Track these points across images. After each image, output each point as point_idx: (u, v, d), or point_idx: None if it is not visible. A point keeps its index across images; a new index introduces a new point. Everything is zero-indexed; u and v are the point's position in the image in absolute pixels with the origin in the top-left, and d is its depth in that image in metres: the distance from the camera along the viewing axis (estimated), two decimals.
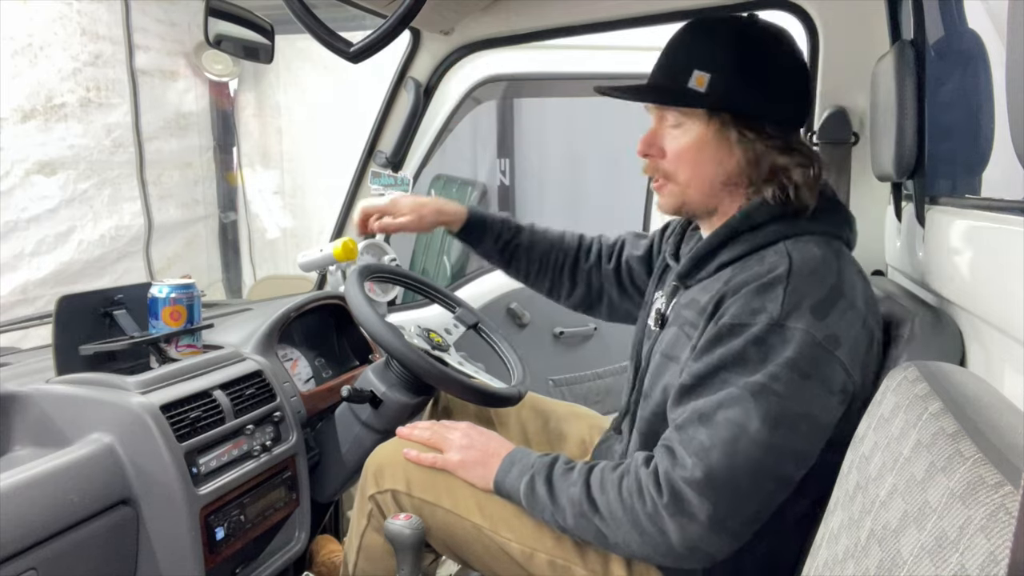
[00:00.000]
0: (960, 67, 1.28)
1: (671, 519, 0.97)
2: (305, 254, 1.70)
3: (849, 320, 0.98)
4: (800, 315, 0.96)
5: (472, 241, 1.51)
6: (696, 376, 1.01)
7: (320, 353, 1.77)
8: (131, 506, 1.15)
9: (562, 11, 1.75)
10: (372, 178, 1.89)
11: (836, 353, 0.96)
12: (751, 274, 1.01)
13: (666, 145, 1.11)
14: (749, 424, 0.95)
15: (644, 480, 1.00)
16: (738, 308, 0.99)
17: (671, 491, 0.97)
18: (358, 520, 1.27)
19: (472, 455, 1.17)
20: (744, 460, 0.95)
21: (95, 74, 3.53)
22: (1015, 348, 0.83)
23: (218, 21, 1.51)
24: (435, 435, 1.22)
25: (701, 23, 1.12)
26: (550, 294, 1.55)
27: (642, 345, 1.27)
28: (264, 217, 4.48)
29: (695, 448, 0.97)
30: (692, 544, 0.98)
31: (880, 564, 0.57)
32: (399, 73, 1.87)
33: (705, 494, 0.95)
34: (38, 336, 1.56)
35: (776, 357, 0.95)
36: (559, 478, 1.09)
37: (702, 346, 1.02)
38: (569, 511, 1.06)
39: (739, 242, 1.08)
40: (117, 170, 3.66)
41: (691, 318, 1.09)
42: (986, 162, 1.14)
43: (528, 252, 1.51)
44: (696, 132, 1.08)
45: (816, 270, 1.00)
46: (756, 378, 0.96)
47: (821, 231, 1.07)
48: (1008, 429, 0.56)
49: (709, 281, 1.10)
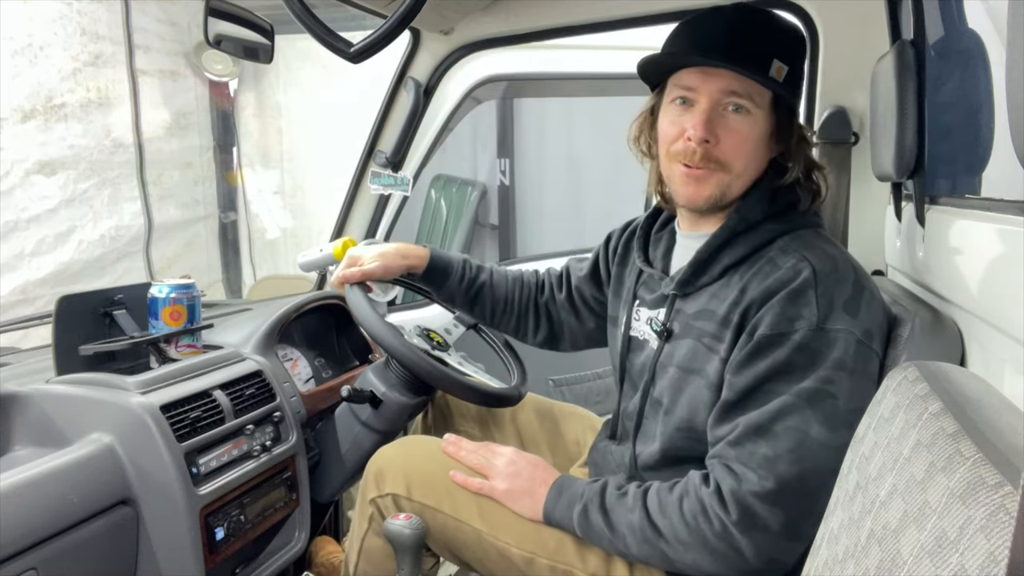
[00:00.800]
0: (960, 67, 1.28)
1: (743, 535, 0.97)
2: (305, 254, 1.70)
3: (874, 311, 1.02)
4: (837, 316, 0.98)
5: (437, 282, 1.48)
6: (742, 391, 1.00)
7: (320, 353, 1.77)
8: (131, 506, 1.15)
9: (562, 11, 1.75)
10: (372, 178, 1.89)
11: (872, 346, 1.00)
12: (774, 281, 1.01)
13: (722, 131, 1.05)
14: (810, 430, 0.95)
15: (707, 500, 0.99)
16: (773, 318, 0.99)
17: (739, 508, 0.97)
18: (359, 523, 1.27)
19: (519, 484, 1.16)
20: (811, 465, 0.95)
21: (95, 74, 3.53)
22: (1015, 348, 0.83)
23: (218, 21, 1.51)
24: (481, 460, 1.20)
25: (767, 14, 1.10)
26: (516, 333, 1.53)
27: (626, 358, 1.25)
28: (264, 217, 4.48)
29: (758, 461, 0.96)
30: (768, 556, 0.98)
31: (880, 564, 0.57)
32: (399, 73, 1.87)
33: (777, 504, 0.96)
34: (38, 336, 1.56)
35: (823, 361, 0.97)
36: (614, 505, 1.08)
37: (741, 360, 1.01)
38: (631, 538, 1.05)
39: (739, 244, 1.09)
40: (117, 170, 3.66)
41: (711, 330, 1.07)
42: (986, 162, 1.14)
43: (493, 291, 1.49)
44: (763, 121, 1.06)
45: (837, 269, 1.02)
46: (807, 384, 0.96)
47: (809, 224, 1.10)
48: (1008, 429, 0.56)
49: (716, 287, 1.09)
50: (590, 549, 1.13)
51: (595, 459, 1.33)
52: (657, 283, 1.20)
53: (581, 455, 1.47)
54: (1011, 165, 0.65)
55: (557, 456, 1.51)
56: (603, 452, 1.30)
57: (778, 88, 1.05)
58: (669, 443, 1.12)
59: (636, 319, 1.25)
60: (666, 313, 1.16)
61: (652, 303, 1.21)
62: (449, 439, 1.25)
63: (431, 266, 1.46)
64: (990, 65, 1.11)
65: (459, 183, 3.54)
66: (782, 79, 1.04)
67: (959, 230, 1.06)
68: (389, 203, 2.01)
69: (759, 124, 1.06)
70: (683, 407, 1.10)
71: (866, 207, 1.60)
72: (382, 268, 1.42)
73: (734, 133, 1.05)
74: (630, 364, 1.25)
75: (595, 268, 1.44)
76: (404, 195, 1.97)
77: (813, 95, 1.65)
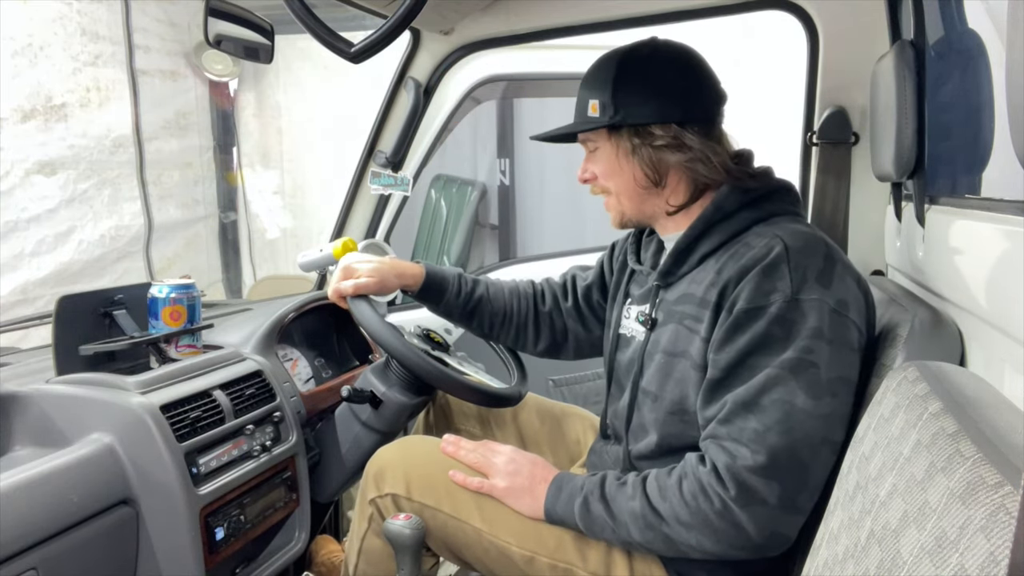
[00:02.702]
0: (960, 67, 1.28)
1: (743, 510, 0.99)
2: (305, 254, 1.70)
3: (848, 283, 1.05)
4: (810, 287, 1.01)
5: (433, 299, 1.46)
6: (725, 368, 1.03)
7: (320, 353, 1.77)
8: (131, 506, 1.15)
9: (562, 11, 1.75)
10: (372, 178, 1.89)
11: (848, 315, 1.02)
12: (748, 259, 1.05)
13: (594, 167, 1.22)
14: (796, 400, 0.98)
15: (705, 479, 1.01)
16: (749, 292, 1.02)
17: (736, 483, 0.98)
18: (358, 524, 1.27)
19: (519, 482, 1.17)
20: (801, 435, 0.97)
21: (95, 74, 3.53)
22: (1015, 348, 0.83)
23: (218, 21, 1.51)
24: (481, 459, 1.21)
25: (600, 60, 1.21)
26: (516, 344, 1.52)
27: (614, 357, 1.28)
28: (264, 217, 4.48)
29: (749, 436, 0.99)
30: (769, 529, 0.99)
31: (880, 564, 0.57)
32: (399, 73, 1.87)
33: (772, 477, 0.98)
34: (38, 336, 1.56)
35: (800, 330, 1.00)
36: (615, 494, 1.09)
37: (721, 337, 1.04)
38: (633, 525, 1.06)
39: (715, 232, 1.13)
40: (117, 170, 3.66)
41: (690, 311, 1.11)
42: (986, 162, 1.14)
43: (491, 304, 1.47)
44: (605, 150, 1.19)
45: (808, 243, 1.06)
46: (788, 355, 0.99)
47: (784, 211, 1.14)
48: (1008, 429, 0.56)
49: (695, 273, 1.14)
50: (590, 547, 1.13)
51: (592, 460, 1.34)
52: (645, 278, 1.25)
53: (582, 455, 1.47)
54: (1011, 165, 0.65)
55: (558, 456, 1.51)
56: (599, 453, 1.32)
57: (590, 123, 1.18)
58: (664, 431, 1.14)
59: (626, 317, 1.28)
60: (651, 305, 1.20)
61: (640, 298, 1.25)
62: (448, 439, 1.26)
63: (427, 284, 1.44)
64: (990, 65, 1.11)
65: (459, 183, 3.54)
66: (598, 112, 1.17)
67: (959, 230, 1.06)
68: (389, 203, 2.01)
69: (603, 152, 1.20)
70: (672, 391, 1.12)
71: (866, 207, 1.60)
72: (377, 285, 1.39)
73: (596, 167, 1.22)
74: (617, 363, 1.28)
75: (600, 276, 1.45)
76: (404, 195, 1.97)
77: (813, 95, 1.65)
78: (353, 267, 1.40)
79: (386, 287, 1.41)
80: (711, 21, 1.76)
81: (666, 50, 1.19)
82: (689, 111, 1.15)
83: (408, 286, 1.44)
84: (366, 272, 1.39)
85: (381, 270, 1.40)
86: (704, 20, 1.73)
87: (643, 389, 1.18)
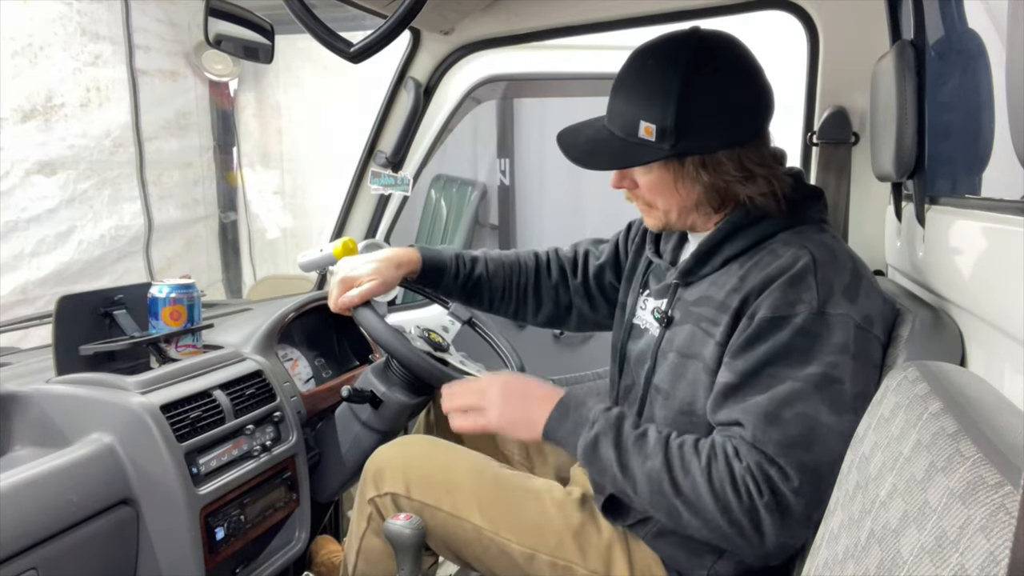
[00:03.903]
0: (960, 67, 1.28)
1: (769, 515, 0.96)
2: (305, 254, 1.70)
3: (873, 298, 1.04)
4: (836, 301, 1.00)
5: (432, 282, 1.46)
6: (742, 374, 1.01)
7: (320, 353, 1.77)
8: (131, 506, 1.15)
9: (562, 11, 1.75)
10: (372, 178, 1.89)
11: (873, 331, 1.02)
12: (774, 268, 1.03)
13: (637, 179, 1.14)
14: (820, 416, 0.96)
15: (739, 473, 0.97)
16: (774, 302, 1.00)
17: (771, 489, 0.96)
18: (357, 523, 1.27)
19: (510, 407, 1.11)
20: (822, 451, 0.96)
21: (95, 74, 3.53)
22: (1015, 348, 0.83)
23: (218, 21, 1.51)
24: (473, 395, 1.15)
25: (650, 67, 1.09)
26: (516, 316, 1.51)
27: (626, 345, 1.26)
28: (264, 217, 4.48)
29: (774, 449, 0.96)
30: (783, 540, 0.97)
31: (880, 564, 0.57)
32: (399, 73, 1.87)
33: (799, 493, 0.95)
34: (38, 336, 1.56)
35: (825, 345, 0.98)
36: (631, 446, 1.04)
37: (742, 343, 1.02)
38: (643, 485, 1.02)
39: (741, 236, 1.11)
40: (117, 170, 3.66)
41: (708, 315, 1.09)
42: (986, 162, 1.14)
43: (490, 281, 1.46)
44: (658, 172, 1.11)
45: (835, 257, 1.04)
46: (813, 369, 0.97)
47: (811, 219, 1.12)
48: (1008, 429, 0.56)
49: (717, 276, 1.11)
50: (590, 545, 1.13)
51: None
52: (664, 273, 1.23)
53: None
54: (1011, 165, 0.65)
55: (558, 452, 1.51)
56: None
57: (647, 154, 1.07)
58: (672, 428, 1.12)
59: (642, 308, 1.26)
60: (668, 302, 1.18)
61: (658, 293, 1.23)
62: (444, 392, 1.20)
63: (425, 268, 1.44)
64: (990, 65, 1.11)
65: (459, 183, 3.54)
66: (654, 136, 1.06)
67: (959, 230, 1.06)
68: (389, 203, 2.01)
69: (655, 172, 1.10)
70: (684, 391, 1.11)
71: (866, 207, 1.60)
72: (380, 284, 1.37)
73: (642, 180, 1.13)
74: (629, 351, 1.26)
75: (615, 256, 1.43)
76: (404, 195, 1.97)
77: (813, 95, 1.65)
78: (352, 276, 1.38)
79: (388, 283, 1.40)
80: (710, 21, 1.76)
81: (736, 59, 1.09)
82: (758, 130, 1.10)
83: (408, 275, 1.44)
84: (367, 276, 1.37)
85: (380, 269, 1.39)
86: (704, 20, 1.74)
87: (655, 386, 1.17)
